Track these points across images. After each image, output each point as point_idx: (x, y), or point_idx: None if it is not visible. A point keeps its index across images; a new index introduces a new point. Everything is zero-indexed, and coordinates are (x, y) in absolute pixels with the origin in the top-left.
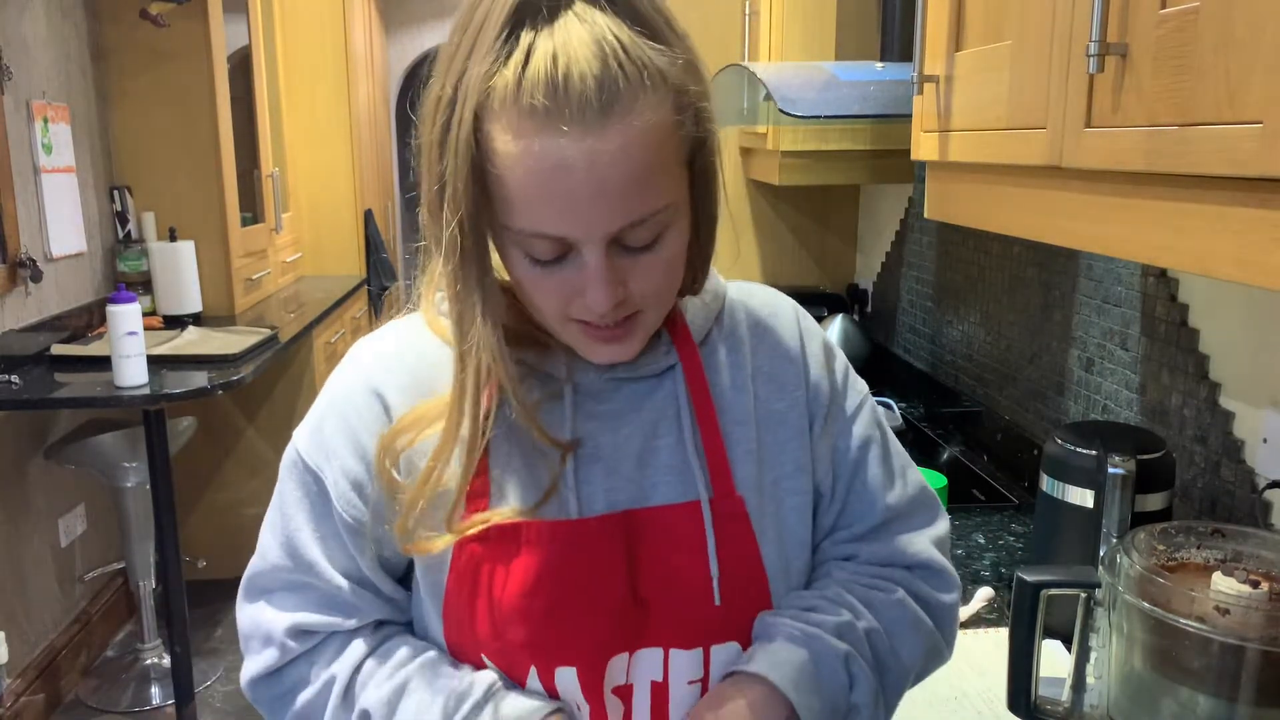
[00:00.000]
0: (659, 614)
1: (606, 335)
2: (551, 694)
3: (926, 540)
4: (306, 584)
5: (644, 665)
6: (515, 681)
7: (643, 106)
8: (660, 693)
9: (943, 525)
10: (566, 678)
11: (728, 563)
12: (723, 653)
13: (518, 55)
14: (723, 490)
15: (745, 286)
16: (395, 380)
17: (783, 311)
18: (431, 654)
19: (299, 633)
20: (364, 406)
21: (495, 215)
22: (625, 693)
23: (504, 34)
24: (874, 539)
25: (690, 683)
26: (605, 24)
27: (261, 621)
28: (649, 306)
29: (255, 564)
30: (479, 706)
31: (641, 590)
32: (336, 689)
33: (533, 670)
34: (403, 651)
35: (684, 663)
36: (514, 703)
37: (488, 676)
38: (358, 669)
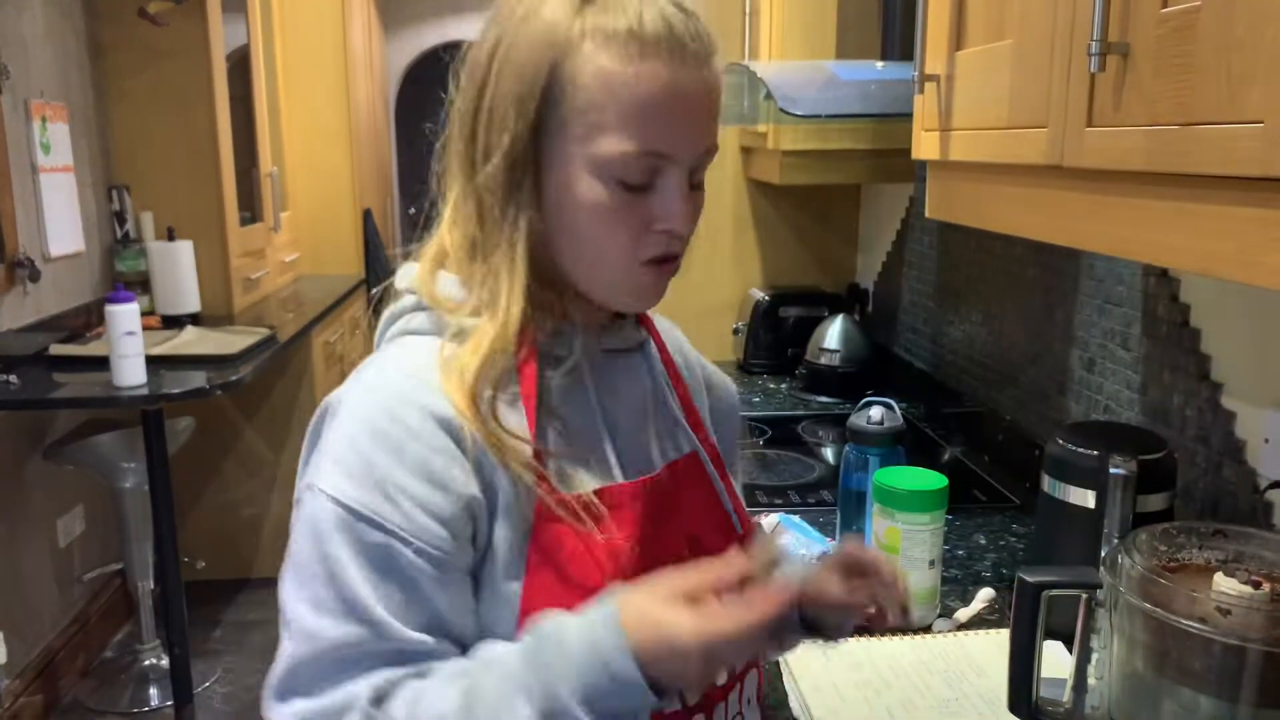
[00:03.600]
0: (704, 556)
1: (662, 272)
2: None
3: None
4: (377, 649)
5: None
6: None
7: (719, 63)
8: None
9: None
10: None
11: (731, 497)
12: None
13: (615, 5)
14: (704, 439)
15: None
16: (440, 384)
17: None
18: (477, 647)
19: (381, 697)
20: (421, 428)
21: (587, 138)
22: None
23: None
24: None
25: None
26: None
27: (327, 704)
28: (683, 249)
29: (299, 653)
30: (559, 637)
31: (693, 542)
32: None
33: None
34: (452, 665)
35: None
36: (578, 621)
37: (548, 621)
38: (412, 700)
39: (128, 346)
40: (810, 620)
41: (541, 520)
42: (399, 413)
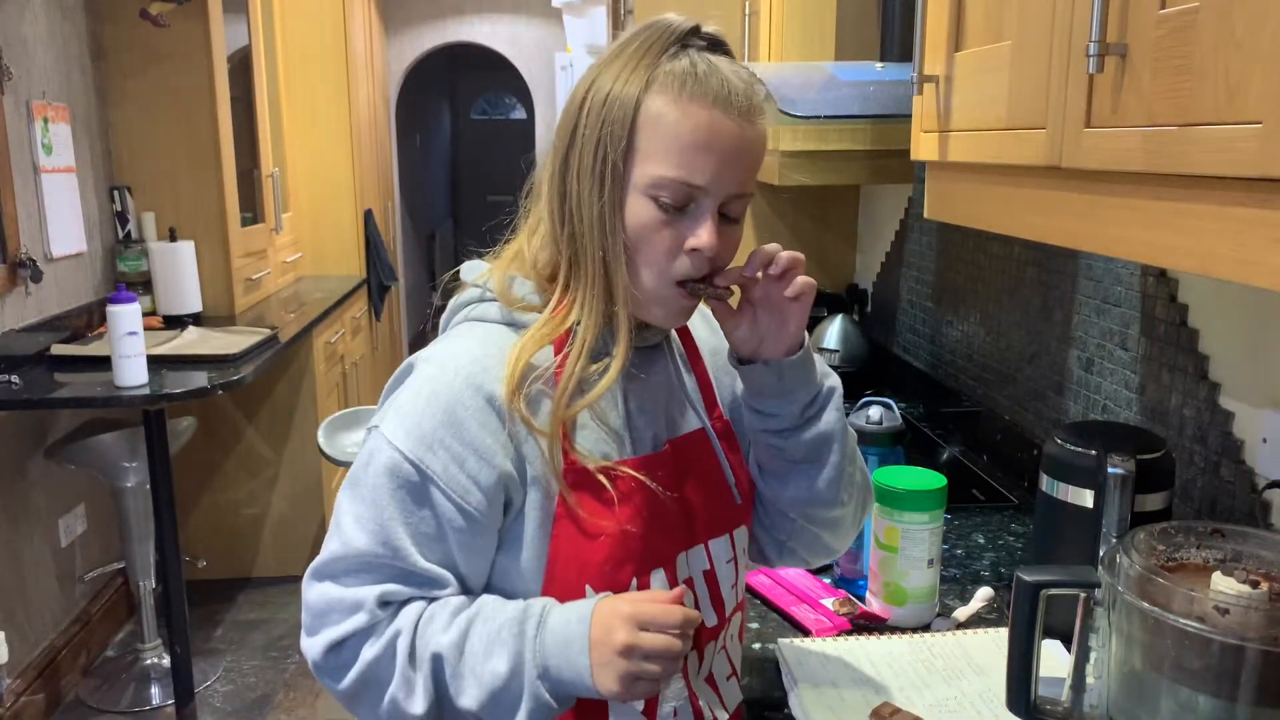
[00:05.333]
0: (700, 518)
1: (692, 297)
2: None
3: None
4: (393, 566)
5: (695, 561)
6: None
7: (763, 124)
8: (711, 577)
9: None
10: (658, 578)
11: (735, 469)
12: (740, 535)
13: (685, 59)
14: (715, 415)
15: None
16: (498, 373)
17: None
18: (484, 598)
19: (385, 602)
20: (475, 407)
21: (641, 164)
22: (689, 583)
23: (672, 48)
24: None
25: (727, 562)
26: (735, 65)
27: (345, 595)
28: (710, 276)
29: (335, 550)
30: (542, 616)
31: (687, 505)
32: (403, 641)
33: (634, 581)
34: (457, 601)
35: (719, 549)
36: (568, 605)
37: (540, 599)
38: (418, 621)
39: (129, 346)
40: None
41: (565, 486)
42: (459, 391)
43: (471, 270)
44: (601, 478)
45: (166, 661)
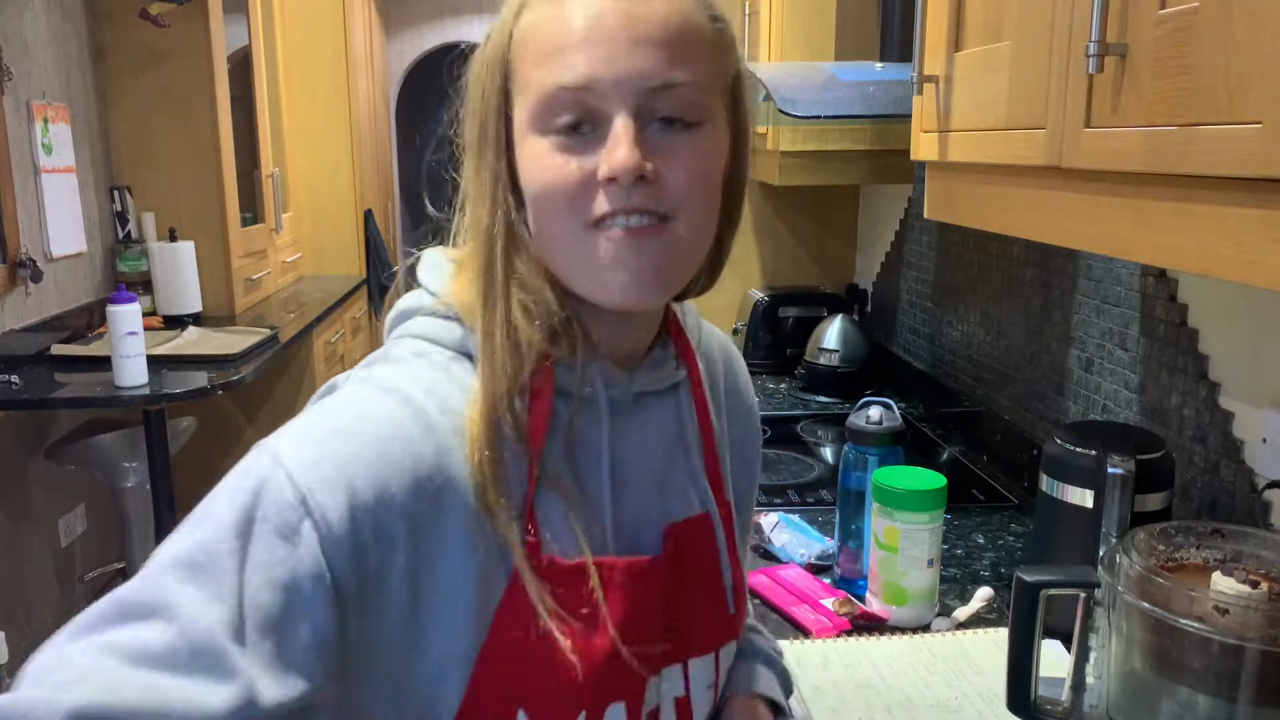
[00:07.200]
0: (686, 632)
1: (634, 235)
2: None
3: None
4: (169, 615)
5: (668, 684)
6: None
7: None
8: (683, 706)
9: None
10: (615, 712)
11: (733, 567)
12: (726, 654)
13: None
14: (720, 499)
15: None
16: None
17: (734, 350)
18: None
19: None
20: (415, 437)
21: (521, 98)
22: (654, 714)
23: None
24: None
25: (707, 688)
26: None
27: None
28: (680, 213)
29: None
30: None
31: (674, 617)
32: None
33: (582, 715)
34: None
35: (701, 671)
36: None
37: None
38: None
39: (129, 346)
40: None
41: (518, 581)
42: (398, 420)
43: (432, 268)
44: (569, 579)
45: None
